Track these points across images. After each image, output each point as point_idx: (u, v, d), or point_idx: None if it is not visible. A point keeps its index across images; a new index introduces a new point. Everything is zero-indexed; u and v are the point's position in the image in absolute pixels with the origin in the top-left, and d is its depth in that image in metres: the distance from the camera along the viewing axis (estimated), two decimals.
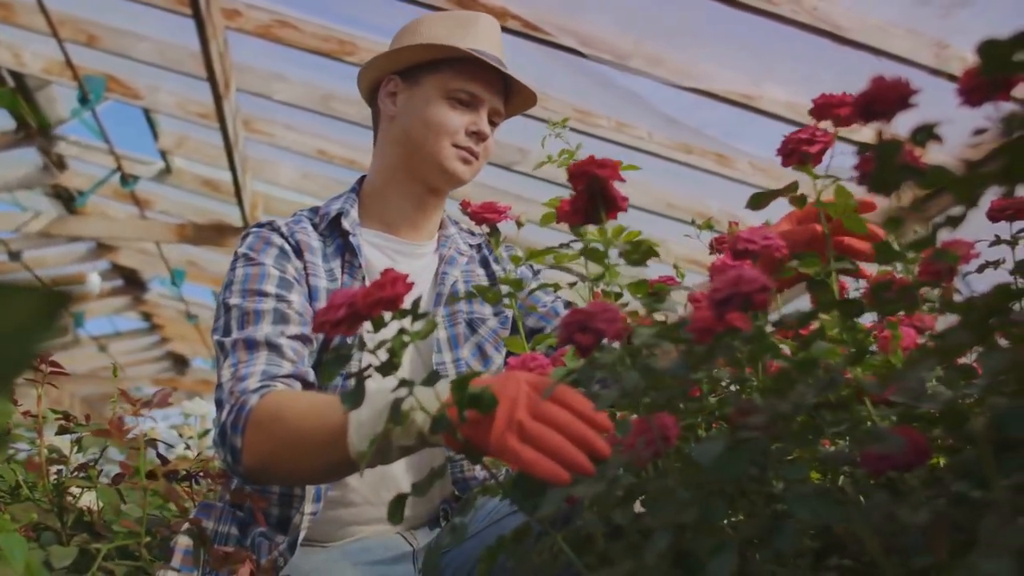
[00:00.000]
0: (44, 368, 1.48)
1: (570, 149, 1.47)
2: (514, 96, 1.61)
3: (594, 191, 0.88)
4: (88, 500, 1.50)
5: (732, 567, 0.61)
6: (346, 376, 1.43)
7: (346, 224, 1.54)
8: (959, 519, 0.54)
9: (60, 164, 5.82)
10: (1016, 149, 0.48)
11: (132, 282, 8.75)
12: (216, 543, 1.34)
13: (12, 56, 4.59)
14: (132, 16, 4.08)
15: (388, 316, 0.79)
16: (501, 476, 1.27)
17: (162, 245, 7.05)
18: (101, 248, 7.72)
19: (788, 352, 0.90)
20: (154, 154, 5.70)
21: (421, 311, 1.53)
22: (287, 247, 1.48)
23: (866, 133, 3.40)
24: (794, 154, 0.91)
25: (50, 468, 1.46)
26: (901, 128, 0.65)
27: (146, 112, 5.15)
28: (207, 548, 1.19)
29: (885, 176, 0.55)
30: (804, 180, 0.96)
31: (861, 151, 0.57)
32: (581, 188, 0.89)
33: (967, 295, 0.75)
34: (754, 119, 3.63)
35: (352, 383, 0.81)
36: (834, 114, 0.89)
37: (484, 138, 1.55)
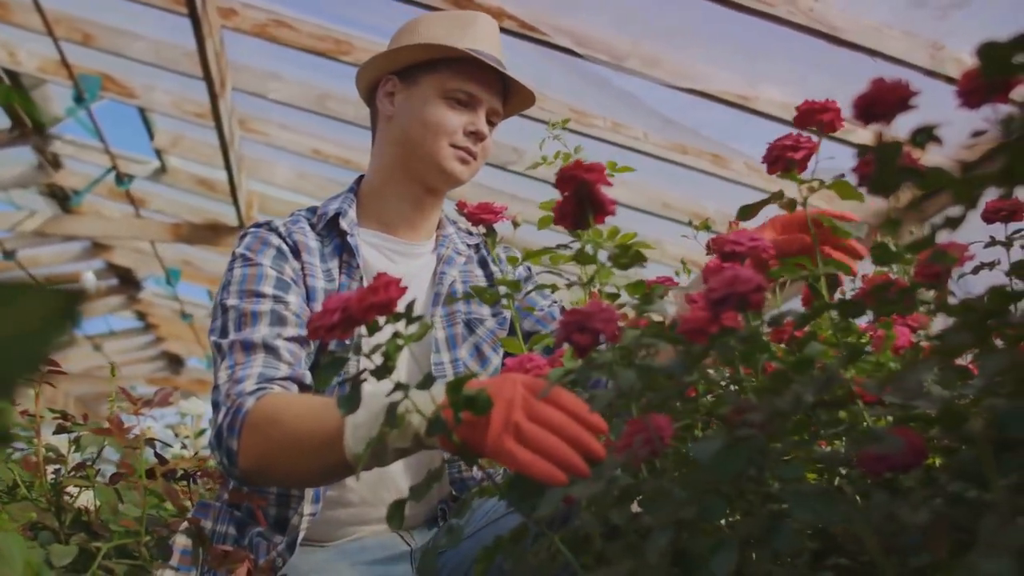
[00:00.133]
0: (42, 367, 1.47)
1: (567, 151, 1.47)
2: (512, 96, 1.61)
3: (582, 195, 0.88)
4: (85, 500, 1.50)
5: (732, 565, 0.62)
6: (343, 380, 1.43)
7: (344, 224, 1.54)
8: (958, 519, 0.54)
9: (55, 163, 5.81)
10: (1015, 151, 0.49)
11: (127, 281, 8.73)
12: (213, 543, 1.34)
13: (7, 54, 4.58)
14: (128, 15, 4.08)
15: (383, 320, 0.79)
16: (498, 477, 1.28)
17: (157, 244, 7.04)
18: (96, 247, 7.70)
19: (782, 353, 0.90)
20: (149, 153, 5.69)
21: (419, 311, 1.54)
22: (284, 247, 1.48)
23: (854, 136, 3.41)
24: (779, 161, 0.91)
25: (47, 467, 1.46)
26: (891, 129, 0.65)
27: (141, 111, 5.14)
28: (206, 547, 1.19)
29: (885, 178, 0.55)
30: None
31: (861, 153, 0.58)
32: (569, 193, 0.89)
33: (963, 297, 0.75)
34: (750, 120, 3.63)
35: (348, 387, 0.81)
36: (817, 120, 0.89)
37: (482, 138, 1.54)
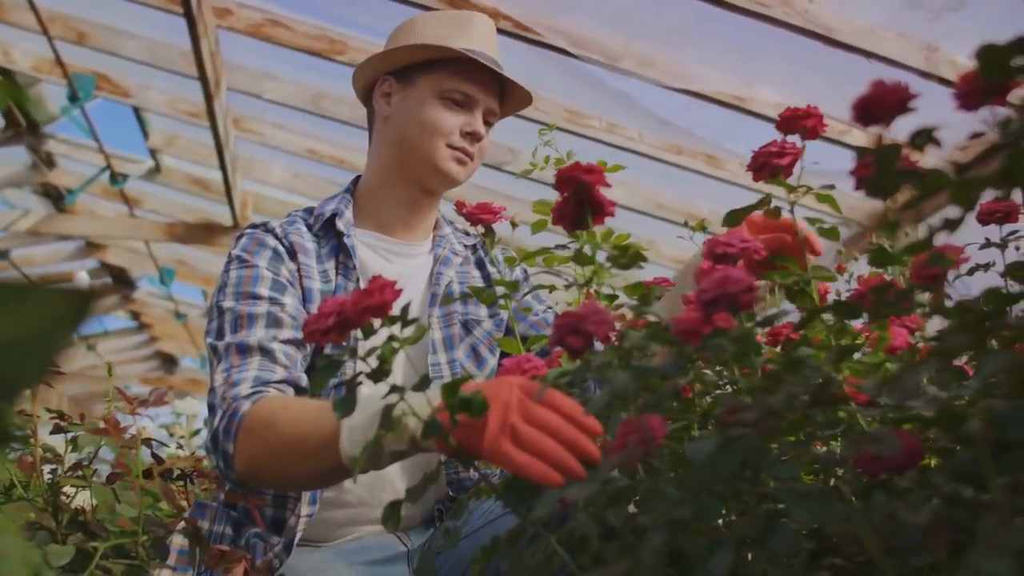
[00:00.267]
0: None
1: (560, 156, 1.48)
2: (509, 96, 1.61)
3: (581, 197, 0.88)
4: (82, 499, 1.49)
5: (729, 565, 0.62)
6: (339, 383, 1.43)
7: (340, 225, 1.54)
8: (957, 519, 0.55)
9: (49, 162, 5.79)
10: (1014, 154, 0.49)
11: (121, 281, 8.71)
12: (210, 543, 1.34)
13: (2, 53, 4.57)
14: (123, 14, 4.07)
15: (378, 322, 0.79)
16: (494, 478, 1.28)
17: (151, 244, 7.01)
18: (90, 247, 7.68)
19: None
20: (144, 153, 5.68)
21: (416, 312, 1.54)
22: (281, 249, 1.47)
23: (849, 137, 3.42)
24: (765, 167, 0.90)
25: (43, 467, 1.46)
26: (875, 131, 0.65)
27: (136, 110, 5.13)
28: (203, 547, 1.19)
29: (884, 180, 0.56)
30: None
31: (860, 155, 0.58)
32: (568, 194, 0.89)
33: (958, 298, 0.76)
34: (745, 120, 3.64)
35: (344, 390, 0.81)
36: (801, 126, 0.89)
37: (479, 138, 1.54)
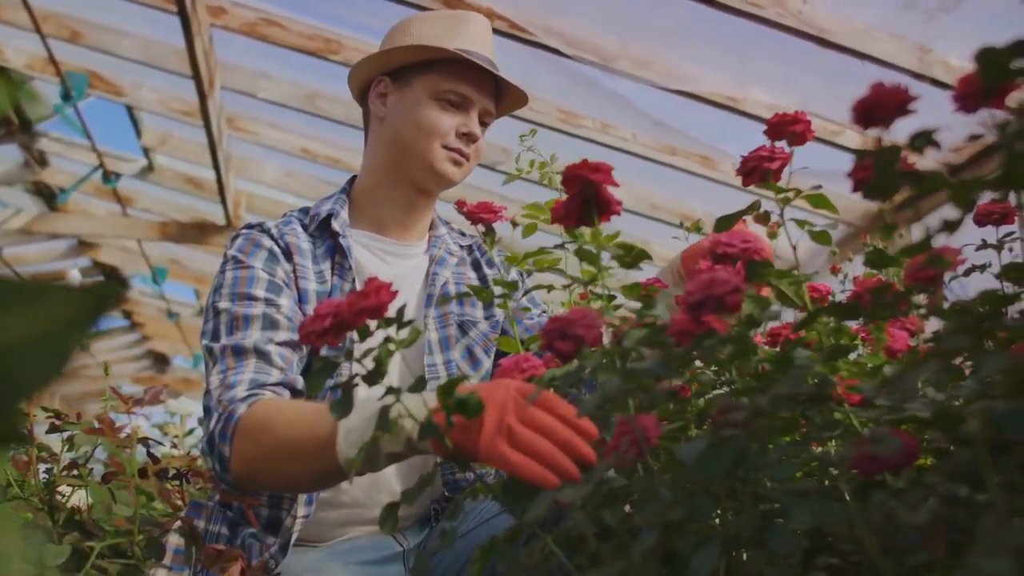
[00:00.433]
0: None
1: (544, 160, 1.48)
2: (505, 96, 1.61)
3: (587, 195, 0.88)
4: (77, 499, 1.49)
5: (715, 561, 0.62)
6: (335, 385, 1.42)
7: (336, 225, 1.53)
8: (955, 519, 0.55)
9: (41, 160, 5.77)
10: (1013, 157, 0.49)
11: (113, 280, 8.69)
12: (206, 542, 1.33)
13: None
14: (116, 13, 4.05)
15: (374, 324, 0.79)
16: (489, 478, 1.28)
17: (144, 243, 7.00)
18: (82, 245, 7.65)
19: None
20: (137, 151, 5.66)
21: (411, 312, 1.54)
22: (276, 249, 1.47)
23: (842, 139, 3.42)
24: (755, 172, 0.90)
25: (39, 467, 1.45)
26: (874, 133, 0.65)
27: (129, 109, 5.11)
28: (199, 546, 1.18)
29: (884, 182, 0.56)
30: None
31: (859, 158, 0.58)
32: (574, 191, 0.89)
33: (954, 299, 0.76)
34: (739, 121, 3.65)
35: (340, 392, 0.81)
36: (789, 131, 0.89)
37: (475, 139, 1.54)
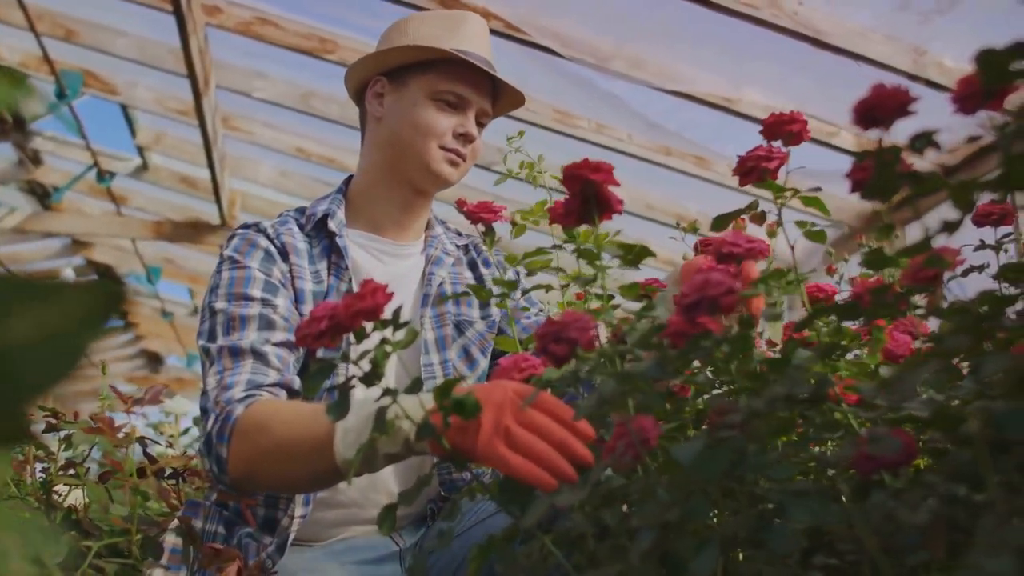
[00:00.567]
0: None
1: (531, 161, 1.48)
2: (501, 96, 1.60)
3: (588, 194, 0.89)
4: (74, 498, 1.49)
5: (714, 564, 0.62)
6: (332, 386, 1.42)
7: (332, 225, 1.53)
8: (955, 519, 0.55)
9: (35, 159, 5.75)
10: (1012, 158, 0.49)
11: (107, 278, 8.66)
12: (203, 542, 1.33)
13: None
14: (111, 11, 4.05)
15: (370, 326, 0.79)
16: (485, 477, 1.28)
17: (138, 242, 6.99)
18: (76, 244, 7.63)
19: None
20: (131, 150, 5.65)
21: (408, 312, 1.53)
22: (273, 249, 1.47)
23: (837, 140, 3.43)
24: (753, 171, 0.90)
25: (35, 466, 1.45)
26: (872, 134, 0.66)
27: (124, 108, 5.11)
28: (196, 546, 1.18)
29: (884, 183, 0.56)
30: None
31: (859, 159, 0.59)
32: (575, 191, 0.89)
33: (952, 300, 0.76)
34: (733, 122, 3.66)
35: (336, 394, 0.81)
36: (786, 131, 0.89)
37: (471, 140, 1.54)
